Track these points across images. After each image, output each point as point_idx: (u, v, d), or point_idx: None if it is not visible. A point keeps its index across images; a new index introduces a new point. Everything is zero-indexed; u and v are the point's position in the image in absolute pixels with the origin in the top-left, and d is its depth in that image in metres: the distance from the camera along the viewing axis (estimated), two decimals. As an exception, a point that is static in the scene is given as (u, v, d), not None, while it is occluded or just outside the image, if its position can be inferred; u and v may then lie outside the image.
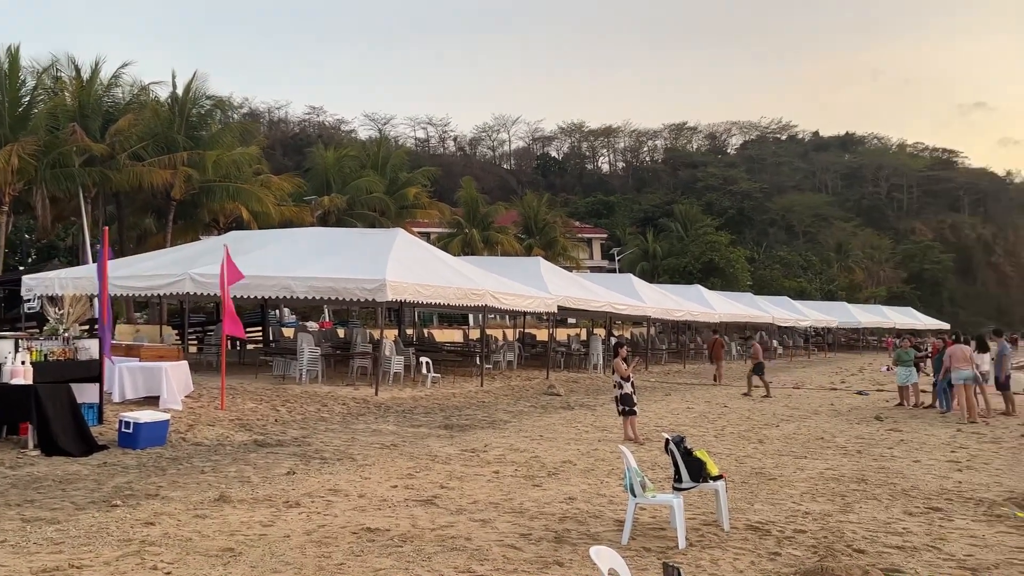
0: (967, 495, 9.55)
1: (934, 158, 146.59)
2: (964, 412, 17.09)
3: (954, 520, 8.30)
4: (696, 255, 66.19)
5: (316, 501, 8.25)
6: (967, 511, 8.75)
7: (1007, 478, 10.77)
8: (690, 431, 14.21)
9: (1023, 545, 7.37)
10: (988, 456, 12.62)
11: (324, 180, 44.22)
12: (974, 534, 7.74)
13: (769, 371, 31.71)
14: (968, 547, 7.25)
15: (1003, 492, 9.75)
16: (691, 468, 7.54)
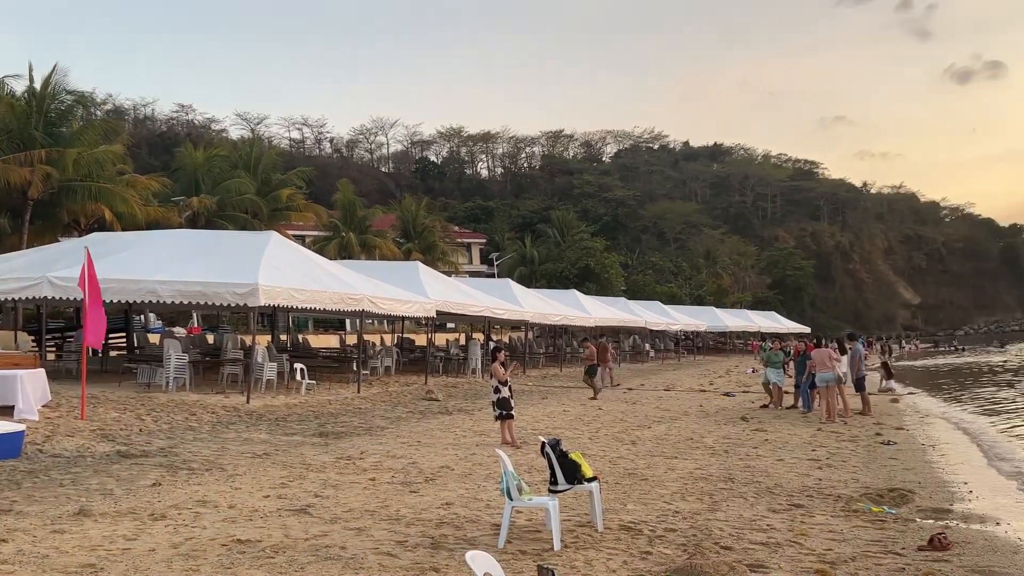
0: (827, 492, 10.02)
1: (796, 169, 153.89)
2: (824, 412, 17.94)
3: (815, 516, 8.68)
4: (572, 260, 67.27)
5: (183, 513, 7.93)
6: (827, 507, 9.17)
7: (863, 475, 11.36)
8: (566, 434, 14.39)
9: (878, 538, 7.78)
10: (846, 454, 13.27)
11: (193, 180, 42.71)
12: (833, 529, 8.12)
13: (641, 374, 32.54)
14: (828, 541, 7.60)
15: (859, 488, 10.27)
16: (566, 470, 7.63)
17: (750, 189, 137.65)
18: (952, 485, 10.97)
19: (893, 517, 8.71)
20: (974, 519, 8.87)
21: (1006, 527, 8.55)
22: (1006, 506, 9.74)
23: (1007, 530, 8.43)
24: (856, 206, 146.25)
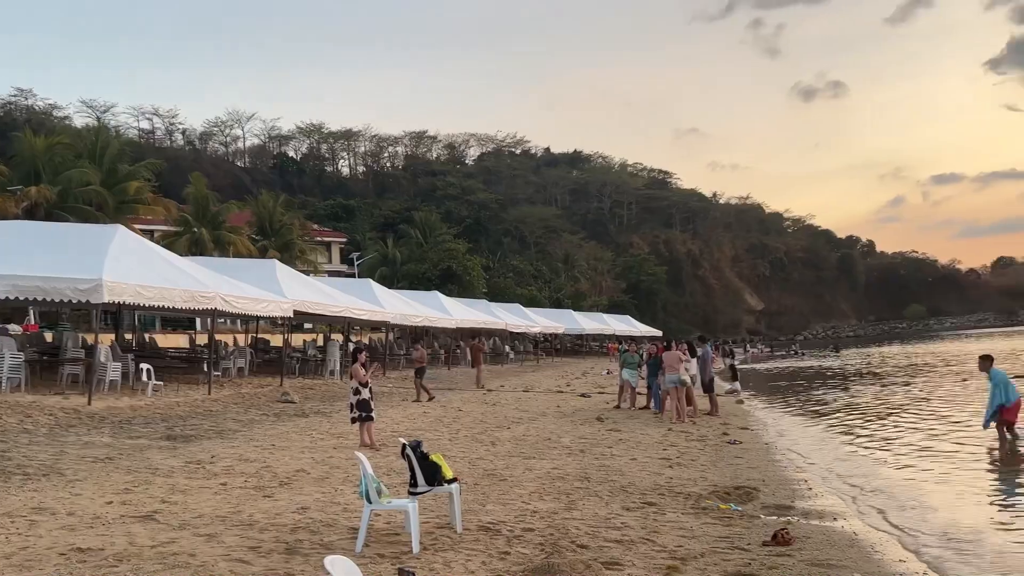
0: (677, 490, 10.36)
1: (652, 178, 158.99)
2: (674, 413, 18.57)
3: (666, 514, 8.96)
4: (435, 262, 67.14)
5: (17, 521, 7.43)
6: (677, 504, 9.48)
7: (711, 473, 11.82)
8: (426, 435, 14.32)
9: (725, 534, 8.10)
10: (695, 453, 13.78)
11: (32, 169, 40.13)
12: (683, 526, 8.41)
13: (501, 375, 32.79)
14: (678, 538, 7.86)
15: (708, 486, 10.68)
16: (427, 472, 7.59)
17: (607, 196, 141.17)
18: (792, 483, 11.55)
19: (739, 514, 9.09)
20: (813, 515, 9.37)
21: (842, 522, 9.07)
22: (840, 502, 10.33)
23: (843, 525, 8.93)
24: (706, 215, 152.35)
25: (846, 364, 48.31)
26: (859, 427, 18.08)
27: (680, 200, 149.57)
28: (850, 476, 12.14)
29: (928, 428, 17.09)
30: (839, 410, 21.98)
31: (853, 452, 14.58)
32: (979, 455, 13.31)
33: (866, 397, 25.40)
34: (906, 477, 11.90)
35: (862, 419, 19.49)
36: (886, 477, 11.95)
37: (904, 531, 8.75)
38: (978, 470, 12.30)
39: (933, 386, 27.40)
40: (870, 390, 28.06)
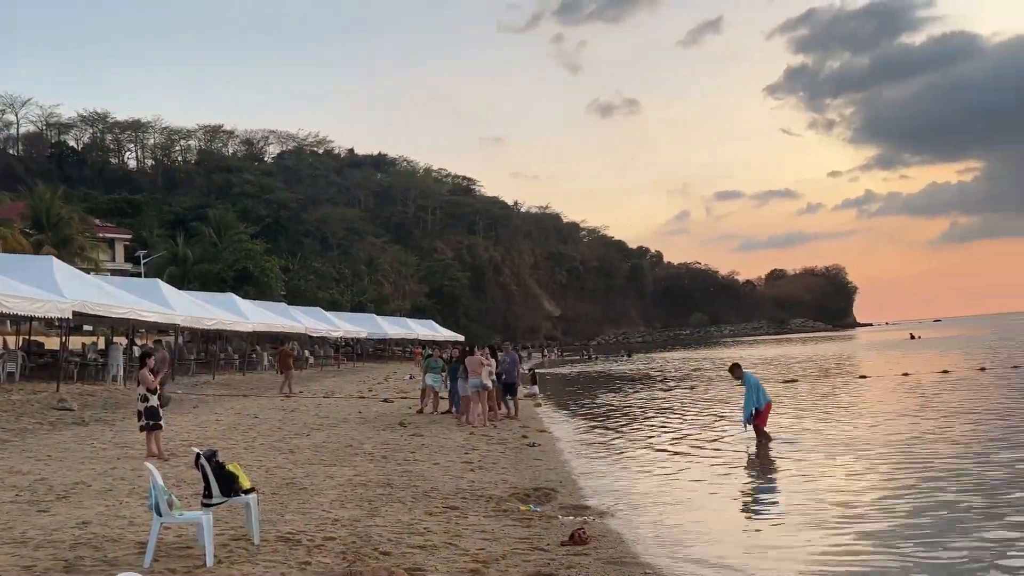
0: (479, 493, 10.48)
1: (456, 184, 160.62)
2: (474, 416, 18.77)
3: (468, 517, 9.04)
4: (230, 262, 64.50)
5: None
6: (479, 508, 9.59)
7: (512, 476, 12.04)
8: (219, 444, 13.71)
9: (526, 536, 8.27)
10: (496, 456, 13.99)
11: None
12: (485, 529, 8.51)
13: (301, 381, 31.95)
14: (481, 541, 7.94)
15: (509, 489, 10.87)
16: (223, 483, 7.26)
17: (412, 200, 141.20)
18: (588, 482, 11.96)
19: (538, 515, 9.31)
20: (608, 514, 9.74)
21: (634, 520, 9.47)
22: (633, 500, 10.78)
23: (636, 523, 9.34)
24: (508, 223, 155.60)
25: (637, 368, 50.72)
26: (643, 427, 18.90)
27: (484, 207, 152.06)
28: (641, 476, 12.69)
29: (697, 429, 18.01)
30: (624, 411, 22.96)
31: (636, 453, 15.18)
32: (740, 455, 14.22)
33: (650, 398, 26.70)
34: (675, 477, 12.41)
35: (645, 420, 20.42)
36: (661, 476, 12.53)
37: (674, 528, 9.21)
38: (737, 469, 13.14)
39: (708, 389, 29.18)
40: (654, 392, 29.53)
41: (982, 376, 28.60)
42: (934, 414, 18.34)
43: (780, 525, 9.09)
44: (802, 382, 30.32)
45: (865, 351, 59.77)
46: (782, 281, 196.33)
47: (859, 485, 10.96)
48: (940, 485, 10.50)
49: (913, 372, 31.43)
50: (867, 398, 23.66)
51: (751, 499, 10.98)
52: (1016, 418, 16.91)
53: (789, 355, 57.56)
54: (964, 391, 23.43)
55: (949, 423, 16.64)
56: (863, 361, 44.65)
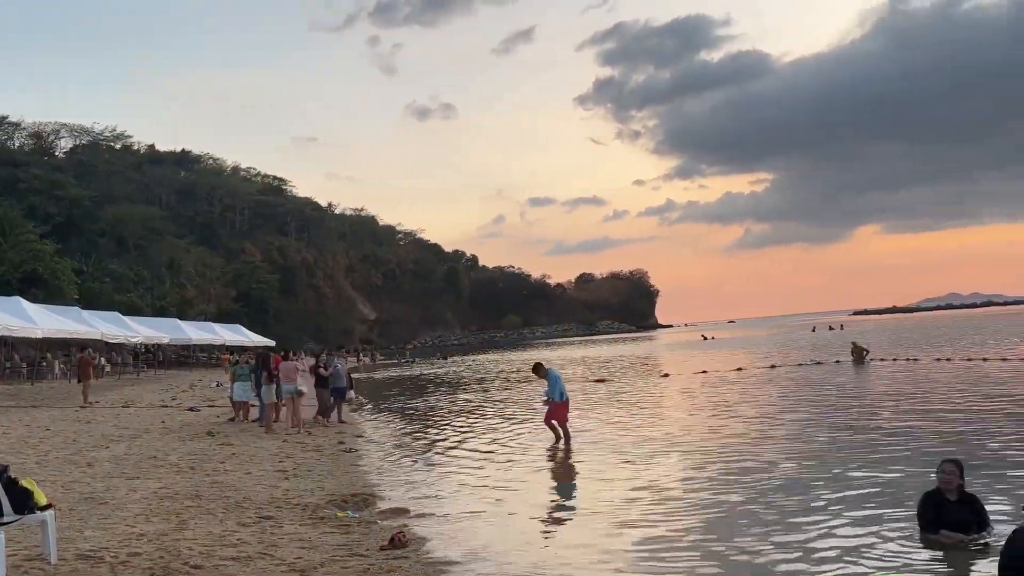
0: (295, 501, 10.26)
1: (266, 184, 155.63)
2: (289, 423, 18.35)
3: (284, 526, 8.84)
4: (16, 264, 59.67)
5: None
6: (295, 516, 9.40)
7: (328, 482, 11.86)
8: (9, 458, 12.65)
9: (344, 542, 8.19)
10: (312, 463, 13.74)
11: None
12: (302, 537, 8.35)
13: (97, 390, 30.08)
14: (298, 550, 7.79)
15: (325, 496, 10.71)
16: (15, 499, 6.75)
17: (219, 200, 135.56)
18: (406, 486, 11.96)
19: (357, 520, 9.24)
20: (427, 516, 9.78)
21: (453, 521, 9.57)
22: (450, 502, 10.88)
23: (455, 524, 9.43)
24: (321, 225, 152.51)
25: (452, 371, 51.07)
26: (458, 430, 19.02)
27: (295, 208, 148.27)
28: (447, 477, 12.82)
29: (508, 429, 18.37)
30: (440, 414, 23.09)
31: (452, 455, 15.27)
32: (546, 454, 14.66)
33: (464, 400, 26.96)
34: (487, 477, 12.61)
35: (460, 422, 20.58)
36: (475, 477, 12.70)
37: (489, 529, 9.42)
38: (544, 469, 13.56)
39: (517, 390, 29.80)
40: (467, 394, 29.83)
41: (773, 372, 30.85)
42: (730, 410, 19.61)
43: (584, 524, 9.35)
44: (609, 382, 31.56)
45: (666, 351, 62.95)
46: (590, 284, 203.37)
47: (660, 481, 11.54)
48: (740, 480, 11.20)
49: (710, 370, 33.45)
50: (670, 395, 24.95)
51: (558, 499, 11.29)
52: (804, 412, 18.37)
53: (597, 355, 59.69)
54: (755, 387, 25.23)
55: (746, 419, 17.84)
56: (665, 360, 47.00)
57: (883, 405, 18.72)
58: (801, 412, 18.24)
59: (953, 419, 15.56)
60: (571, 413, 16.02)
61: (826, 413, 17.85)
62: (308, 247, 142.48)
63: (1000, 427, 14.14)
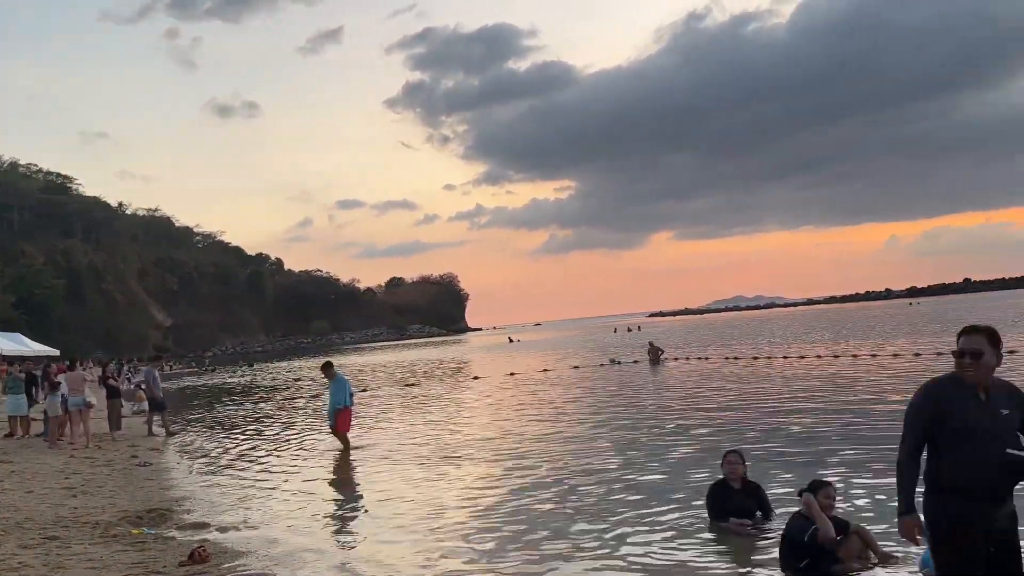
0: (84, 520, 9.62)
1: (49, 182, 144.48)
2: (74, 437, 17.17)
3: (72, 546, 8.27)
4: None
5: None
6: (85, 535, 8.81)
7: (121, 498, 11.19)
8: None
9: (140, 560, 7.76)
10: (102, 479, 12.91)
11: None
12: (93, 557, 7.84)
13: None
14: (88, 571, 7.32)
15: (118, 512, 10.10)
16: None
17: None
18: (206, 498, 11.46)
19: (153, 537, 8.78)
20: (229, 529, 9.41)
21: (254, 533, 9.26)
22: (251, 514, 10.51)
23: (256, 536, 9.13)
24: (111, 226, 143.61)
25: (255, 379, 49.44)
26: (258, 438, 18.40)
27: (83, 208, 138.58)
28: (253, 486, 12.43)
29: (308, 436, 18.09)
30: (240, 423, 22.28)
31: (251, 465, 14.75)
32: (341, 458, 14.57)
33: (265, 409, 26.18)
34: (287, 485, 12.34)
35: (260, 431, 19.89)
36: (274, 487, 12.37)
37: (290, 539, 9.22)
38: (343, 474, 13.43)
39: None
40: (269, 402, 28.98)
41: (576, 372, 31.93)
42: (536, 411, 20.14)
43: (385, 527, 9.23)
44: (420, 385, 31.59)
45: (476, 354, 63.74)
46: (401, 288, 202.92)
47: (465, 483, 11.69)
48: (541, 481, 11.44)
49: (519, 372, 34.19)
50: (480, 397, 25.27)
51: (360, 503, 11.05)
52: (604, 411, 19.15)
53: (408, 359, 59.60)
54: (560, 387, 26.03)
55: (550, 420, 18.36)
56: (475, 363, 47.58)
57: (675, 401, 19.81)
58: (601, 411, 18.96)
59: (739, 412, 16.71)
60: (366, 417, 15.88)
61: (623, 411, 18.65)
62: (97, 249, 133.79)
63: (782, 420, 15.30)
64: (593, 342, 65.44)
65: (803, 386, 20.97)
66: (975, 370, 4.40)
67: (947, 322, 51.43)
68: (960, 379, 4.45)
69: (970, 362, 4.39)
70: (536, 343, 77.03)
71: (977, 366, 4.40)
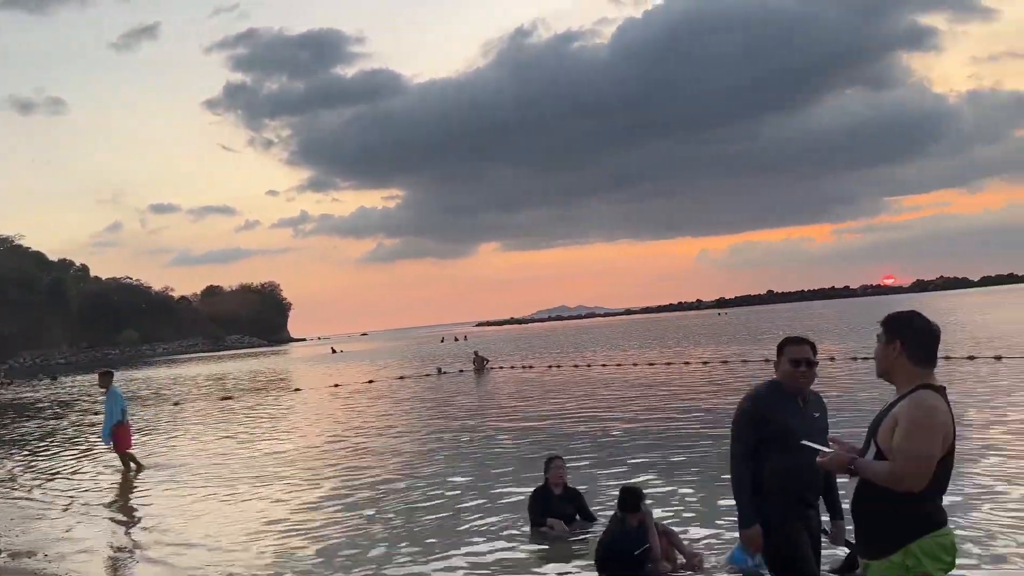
0: None
1: None
2: None
3: None
4: None
5: None
6: None
7: None
8: None
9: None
10: None
11: None
12: None
13: None
14: None
15: None
16: None
17: None
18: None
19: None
20: (20, 555, 8.69)
21: (52, 557, 8.61)
22: (42, 537, 9.77)
23: (53, 560, 8.49)
24: None
25: (57, 392, 46.15)
26: (53, 458, 17.18)
27: None
28: (42, 510, 11.58)
29: (97, 455, 17.03)
30: (34, 442, 20.68)
31: (46, 486, 13.78)
32: (116, 478, 13.91)
33: (60, 426, 24.44)
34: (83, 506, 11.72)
35: (54, 450, 18.59)
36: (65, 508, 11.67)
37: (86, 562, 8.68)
38: (138, 492, 12.75)
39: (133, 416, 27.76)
40: (63, 419, 27.07)
41: (402, 383, 31.68)
42: (359, 423, 19.82)
43: (169, 550, 8.85)
44: (237, 398, 30.44)
45: (299, 365, 62.16)
46: (219, 297, 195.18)
47: (280, 499, 11.33)
48: (363, 496, 11.17)
49: (342, 383, 33.56)
50: (301, 410, 24.61)
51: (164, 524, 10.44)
52: (430, 422, 19.08)
53: (226, 372, 57.38)
54: (384, 398, 25.76)
55: (373, 433, 18.11)
56: (297, 375, 46.36)
57: (498, 410, 20.02)
58: (424, 421, 18.92)
59: (560, 419, 17.06)
60: (173, 433, 15.15)
61: (446, 421, 18.63)
62: None
63: (602, 425, 15.71)
64: (420, 352, 65.27)
65: (620, 393, 21.70)
66: (810, 378, 4.60)
67: (752, 331, 54.81)
68: (781, 386, 4.61)
69: (805, 370, 4.56)
70: (362, 353, 75.97)
71: (811, 374, 4.60)
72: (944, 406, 3.45)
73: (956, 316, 50.43)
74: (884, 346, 3.62)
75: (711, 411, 16.18)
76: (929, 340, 3.58)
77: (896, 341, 3.57)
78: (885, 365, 3.62)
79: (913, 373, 3.53)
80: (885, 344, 3.62)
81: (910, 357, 3.54)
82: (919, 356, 3.55)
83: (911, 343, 3.55)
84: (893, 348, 3.57)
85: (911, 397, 3.46)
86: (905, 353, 3.54)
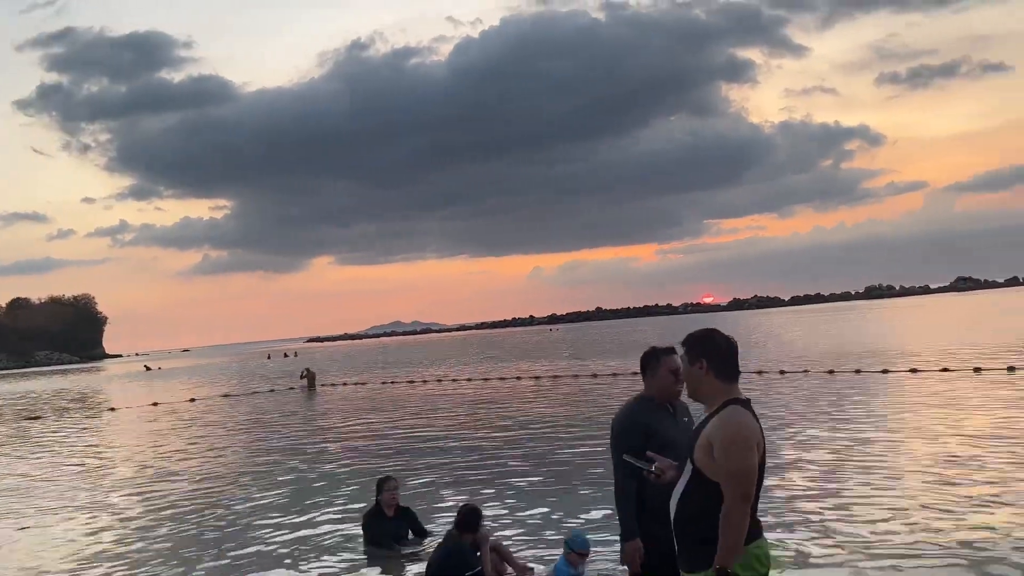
0: None
1: None
2: None
3: None
4: None
5: None
6: None
7: None
8: None
9: None
10: None
11: None
12: None
13: None
14: None
15: None
16: None
17: None
18: None
19: None
20: None
21: None
22: None
23: None
24: None
25: None
26: None
27: None
28: None
29: None
30: None
31: None
32: None
33: None
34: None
35: None
36: None
37: None
38: None
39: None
40: None
41: (226, 400, 30.44)
42: (175, 444, 18.86)
43: None
44: (45, 419, 28.38)
45: (115, 383, 58.68)
46: (27, 311, 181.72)
47: (96, 523, 10.64)
48: (178, 519, 10.73)
49: (162, 402, 31.90)
50: (114, 431, 23.23)
51: None
52: (254, 442, 18.38)
53: (34, 390, 53.53)
54: (204, 418, 24.65)
55: (191, 453, 17.30)
56: (111, 393, 43.79)
57: (328, 428, 19.54)
58: (246, 442, 18.15)
59: (393, 437, 16.81)
60: None
61: (273, 441, 17.91)
62: None
63: (436, 443, 15.60)
64: (246, 369, 63.00)
65: (454, 408, 21.67)
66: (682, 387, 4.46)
67: (581, 346, 56.24)
68: (651, 399, 4.61)
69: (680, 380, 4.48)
70: (181, 370, 72.44)
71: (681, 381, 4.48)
72: (751, 419, 3.47)
73: (766, 332, 53.61)
74: (690, 368, 3.64)
75: (543, 423, 16.43)
76: (731, 355, 3.60)
77: (701, 360, 3.59)
78: (695, 385, 3.64)
79: (720, 389, 3.55)
80: (690, 365, 3.63)
81: (717, 375, 3.56)
82: (725, 372, 3.57)
83: (715, 361, 3.57)
84: (699, 367, 3.59)
85: (719, 416, 3.47)
86: (712, 371, 3.56)
